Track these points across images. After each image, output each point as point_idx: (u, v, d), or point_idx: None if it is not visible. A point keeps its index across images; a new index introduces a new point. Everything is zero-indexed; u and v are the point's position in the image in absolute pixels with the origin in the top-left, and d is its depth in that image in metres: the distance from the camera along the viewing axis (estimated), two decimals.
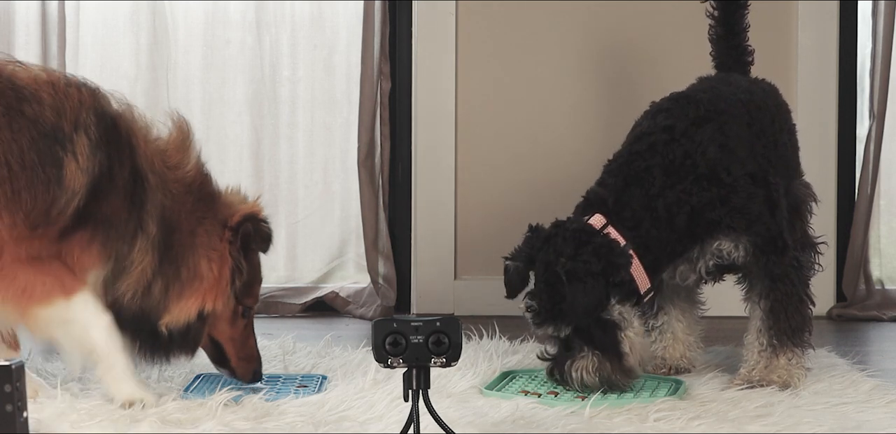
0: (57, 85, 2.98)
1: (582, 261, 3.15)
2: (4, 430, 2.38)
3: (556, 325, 3.19)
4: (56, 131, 2.93)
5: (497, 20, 4.91)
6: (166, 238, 3.03)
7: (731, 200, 3.28)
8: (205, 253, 3.08)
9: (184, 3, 4.99)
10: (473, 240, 4.87)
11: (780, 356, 3.34)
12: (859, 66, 4.99)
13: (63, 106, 2.95)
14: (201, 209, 3.09)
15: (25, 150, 2.90)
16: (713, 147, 3.31)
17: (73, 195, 2.92)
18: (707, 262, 3.34)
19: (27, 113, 2.92)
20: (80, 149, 2.93)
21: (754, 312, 3.38)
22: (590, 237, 3.20)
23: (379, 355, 2.58)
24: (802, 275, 3.37)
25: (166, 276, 3.03)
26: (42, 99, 2.95)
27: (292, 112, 5.05)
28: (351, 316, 4.89)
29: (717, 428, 2.90)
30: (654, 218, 3.26)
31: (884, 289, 4.95)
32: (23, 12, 4.87)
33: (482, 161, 4.93)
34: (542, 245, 3.21)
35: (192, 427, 2.83)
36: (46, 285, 2.92)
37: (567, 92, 4.92)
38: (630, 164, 3.31)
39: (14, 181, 2.89)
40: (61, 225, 2.92)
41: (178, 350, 3.12)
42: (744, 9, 3.73)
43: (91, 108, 2.98)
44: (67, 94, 2.97)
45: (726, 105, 3.41)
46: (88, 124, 2.95)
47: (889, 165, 5.02)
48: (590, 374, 3.20)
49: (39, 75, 3.00)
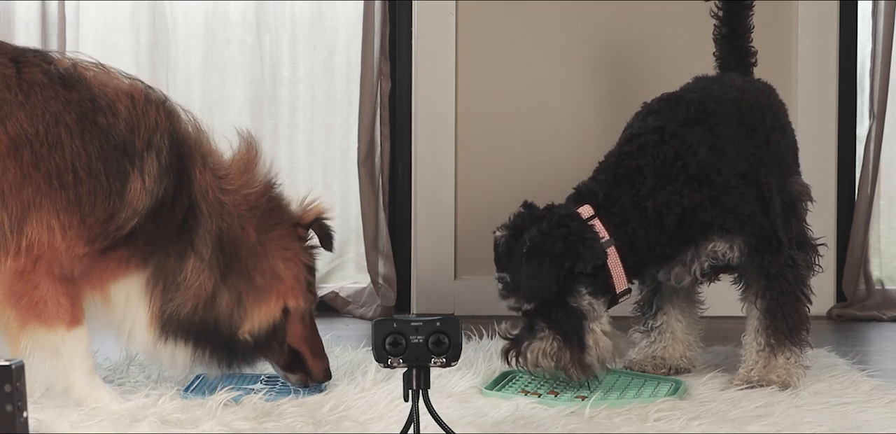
0: (137, 99, 2.99)
1: (548, 241, 3.16)
2: (4, 430, 2.38)
3: (518, 298, 3.18)
4: (127, 146, 2.94)
5: (497, 20, 4.91)
6: (229, 255, 3.06)
7: (722, 201, 3.28)
8: (280, 255, 3.14)
9: (184, 3, 4.99)
10: (473, 240, 4.87)
11: (778, 355, 3.34)
12: (859, 66, 4.99)
13: (139, 123, 2.97)
14: (273, 217, 3.14)
15: (94, 159, 2.91)
16: (704, 148, 3.31)
17: (134, 214, 2.93)
18: (702, 263, 3.35)
19: (100, 123, 2.93)
20: (149, 169, 2.95)
21: (751, 312, 3.38)
22: (578, 225, 3.21)
23: (379, 355, 2.58)
24: (798, 273, 3.37)
25: (236, 287, 3.07)
26: (118, 111, 2.96)
27: (292, 112, 5.05)
28: (351, 316, 4.88)
29: (717, 428, 2.90)
30: (643, 218, 3.26)
31: (884, 289, 4.95)
32: (23, 12, 4.87)
33: (482, 161, 4.93)
34: (530, 224, 3.22)
35: (192, 427, 2.83)
36: (60, 307, 2.92)
37: (567, 92, 4.92)
38: (620, 163, 3.32)
39: (78, 186, 2.90)
40: (111, 242, 2.93)
41: (261, 354, 3.15)
42: (748, 10, 3.73)
43: (166, 132, 3.00)
44: (146, 111, 2.98)
45: (716, 105, 3.41)
46: (161, 148, 2.98)
47: (889, 165, 5.02)
48: (546, 357, 3.18)
49: (121, 85, 3.01)
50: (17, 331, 2.92)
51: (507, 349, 3.27)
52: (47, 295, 2.91)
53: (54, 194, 2.88)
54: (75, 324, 2.95)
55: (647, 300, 3.60)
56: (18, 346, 2.92)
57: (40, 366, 2.94)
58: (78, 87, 2.95)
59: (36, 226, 2.88)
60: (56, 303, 2.92)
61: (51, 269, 2.91)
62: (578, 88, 4.92)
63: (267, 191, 3.16)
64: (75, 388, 2.97)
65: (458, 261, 4.91)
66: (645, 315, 3.63)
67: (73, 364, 2.96)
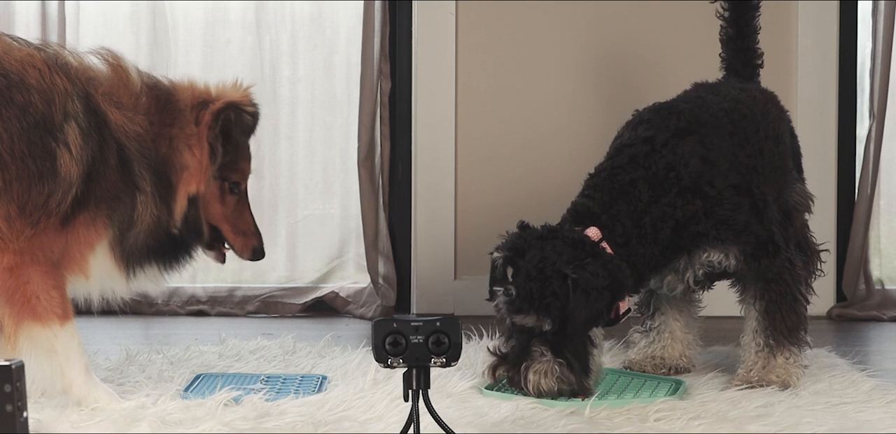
0: (42, 69, 2.93)
1: (591, 272, 3.13)
2: (4, 430, 2.38)
3: (540, 317, 3.14)
4: (46, 121, 2.90)
5: (497, 20, 4.91)
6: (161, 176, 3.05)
7: (716, 213, 3.28)
8: (185, 143, 3.09)
9: (184, 3, 4.99)
10: (473, 240, 4.87)
11: (777, 356, 3.34)
12: (859, 66, 4.99)
13: (52, 94, 2.92)
14: (166, 117, 3.08)
15: (16, 141, 2.87)
16: (695, 159, 3.31)
17: (70, 186, 2.92)
18: (696, 271, 3.34)
19: (17, 100, 2.89)
20: (73, 139, 2.92)
21: (749, 313, 3.38)
22: (593, 249, 3.18)
23: (379, 355, 2.58)
24: (796, 274, 3.37)
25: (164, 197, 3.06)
26: (30, 85, 2.91)
27: (292, 112, 5.04)
28: (351, 316, 4.88)
29: (717, 428, 2.90)
30: (642, 235, 3.25)
31: (884, 289, 4.95)
32: (23, 12, 4.87)
33: (482, 161, 4.92)
34: (536, 242, 3.18)
35: (192, 427, 2.83)
36: (52, 301, 2.94)
37: (567, 92, 4.92)
38: (614, 178, 3.29)
39: (5, 172, 2.87)
40: (62, 214, 2.93)
41: (190, 242, 3.15)
42: (755, 11, 3.72)
43: (73, 94, 2.95)
44: (53, 81, 2.93)
45: (708, 116, 3.40)
46: (76, 112, 2.94)
47: (889, 165, 5.02)
48: (547, 380, 3.16)
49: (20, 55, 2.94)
50: (13, 329, 2.93)
51: (496, 366, 3.23)
52: (38, 289, 2.92)
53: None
54: (66, 318, 2.96)
55: (644, 301, 3.60)
56: (16, 344, 2.93)
57: (38, 366, 2.95)
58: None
59: None
60: (48, 296, 2.93)
61: (36, 259, 2.91)
62: (578, 88, 4.92)
63: (151, 96, 3.08)
64: (73, 388, 2.98)
65: (458, 261, 4.91)
66: (643, 315, 3.63)
67: (69, 363, 2.97)
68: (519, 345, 3.19)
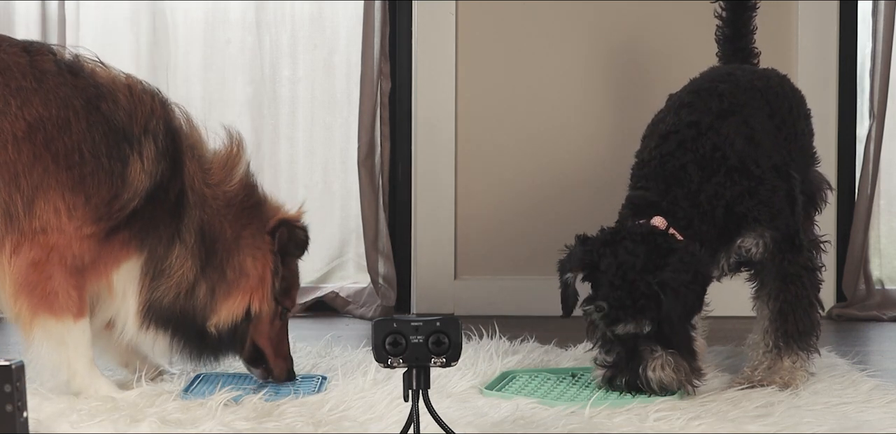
0: (133, 89, 3.16)
1: (671, 271, 3.12)
2: (4, 430, 2.38)
3: (638, 321, 3.14)
4: (126, 131, 3.10)
5: (497, 20, 4.91)
6: (208, 247, 3.17)
7: (759, 192, 3.28)
8: (250, 252, 3.23)
9: (184, 3, 4.99)
10: (473, 240, 4.87)
11: (784, 358, 3.33)
12: (859, 66, 4.99)
13: (136, 110, 3.13)
14: (246, 216, 3.23)
15: (98, 141, 3.07)
16: (740, 139, 3.31)
17: (135, 195, 3.08)
18: (729, 259, 3.34)
19: (103, 109, 3.10)
20: (147, 153, 3.11)
21: (762, 312, 3.38)
22: (665, 240, 3.17)
23: (379, 355, 2.58)
24: (815, 278, 3.37)
25: (211, 279, 3.18)
26: (118, 99, 3.13)
27: (292, 112, 5.05)
28: (351, 316, 4.88)
29: (717, 428, 2.90)
30: (701, 214, 3.25)
31: (884, 289, 4.95)
32: (23, 12, 4.87)
33: (482, 161, 4.92)
34: (605, 249, 3.17)
35: (192, 427, 2.83)
36: (69, 299, 3.06)
37: (567, 92, 4.92)
38: (664, 165, 3.29)
39: (83, 166, 3.04)
40: (115, 223, 3.06)
41: (226, 349, 3.25)
42: (752, 11, 3.73)
43: (161, 119, 3.16)
44: (142, 99, 3.15)
45: (747, 97, 3.41)
46: (157, 132, 3.13)
47: (889, 165, 5.02)
48: (667, 372, 3.16)
49: (118, 77, 3.18)
50: (28, 320, 3.05)
51: (612, 376, 3.21)
52: (59, 286, 3.04)
53: (61, 174, 3.03)
54: (81, 316, 3.08)
55: None
56: (30, 335, 3.06)
57: (50, 364, 3.07)
58: (83, 75, 3.13)
59: (45, 207, 3.02)
60: (66, 295, 3.05)
61: (63, 260, 3.04)
62: (579, 88, 4.92)
63: (244, 189, 3.26)
64: (76, 378, 3.09)
65: (458, 261, 4.91)
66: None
67: (76, 355, 3.08)
68: (625, 350, 3.19)
